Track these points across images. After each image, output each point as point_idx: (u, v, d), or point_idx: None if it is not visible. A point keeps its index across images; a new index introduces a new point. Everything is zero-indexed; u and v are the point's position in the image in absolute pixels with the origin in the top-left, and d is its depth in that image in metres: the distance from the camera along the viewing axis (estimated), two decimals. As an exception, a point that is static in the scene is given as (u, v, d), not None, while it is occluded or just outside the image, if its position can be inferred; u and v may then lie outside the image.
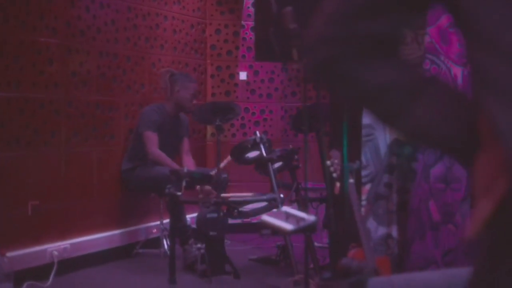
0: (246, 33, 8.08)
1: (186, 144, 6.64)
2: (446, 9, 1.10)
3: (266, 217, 3.61)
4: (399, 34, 1.18)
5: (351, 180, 4.19)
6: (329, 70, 1.17)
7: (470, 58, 1.01)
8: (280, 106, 8.24)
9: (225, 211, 5.50)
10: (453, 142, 1.10)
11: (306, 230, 3.69)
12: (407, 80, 1.14)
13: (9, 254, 5.06)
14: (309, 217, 3.43)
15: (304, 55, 1.24)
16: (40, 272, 5.38)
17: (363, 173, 4.79)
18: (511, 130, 0.92)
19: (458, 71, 4.76)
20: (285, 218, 3.45)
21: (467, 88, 4.37)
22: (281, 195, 5.41)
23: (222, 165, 5.89)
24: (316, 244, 5.62)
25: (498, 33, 0.95)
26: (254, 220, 6.15)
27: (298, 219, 3.40)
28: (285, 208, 3.72)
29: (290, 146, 6.47)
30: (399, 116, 1.13)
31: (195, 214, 6.11)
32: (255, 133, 5.91)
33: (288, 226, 3.40)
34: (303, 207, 5.54)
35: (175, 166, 6.04)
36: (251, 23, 7.99)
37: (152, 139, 6.20)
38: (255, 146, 5.78)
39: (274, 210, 5.20)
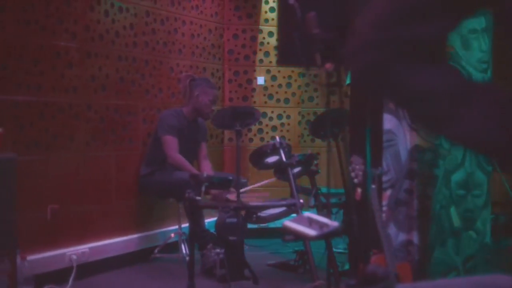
0: (264, 38, 8.07)
1: (204, 149, 6.63)
2: (494, 14, 1.08)
3: (288, 223, 3.58)
4: (444, 38, 1.16)
5: (373, 186, 4.17)
6: (374, 74, 1.16)
7: None
8: (298, 111, 8.22)
9: (244, 216, 5.49)
10: (498, 149, 1.08)
11: (329, 236, 3.66)
12: (452, 84, 1.13)
13: (29, 258, 5.06)
14: (333, 223, 3.41)
15: (348, 59, 1.21)
16: (60, 276, 5.38)
17: (384, 178, 4.77)
18: None
19: (478, 76, 4.74)
20: (308, 224, 3.42)
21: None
22: (301, 201, 5.39)
23: (263, 183, 5.88)
24: (334, 249, 5.59)
25: None
26: (271, 225, 6.13)
27: (321, 225, 3.38)
28: (308, 214, 3.70)
29: (309, 151, 6.46)
30: (445, 121, 1.12)
31: (213, 219, 6.10)
32: (274, 138, 5.90)
33: (311, 232, 3.37)
34: (323, 212, 5.52)
35: (195, 171, 6.03)
36: (268, 28, 7.99)
37: (171, 144, 6.19)
38: (274, 151, 5.76)
39: (294, 215, 5.18)
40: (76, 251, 5.60)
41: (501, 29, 1.07)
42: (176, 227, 6.42)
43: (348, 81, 5.30)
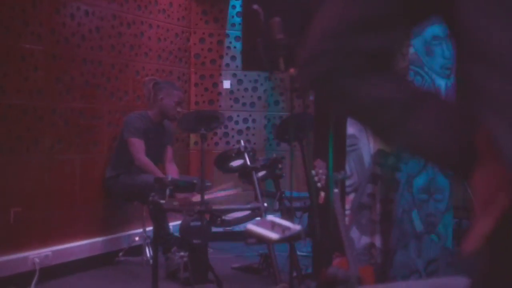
0: (230, 42, 8.09)
1: (169, 152, 6.62)
2: (443, 22, 1.10)
3: (251, 226, 3.61)
4: (394, 48, 1.18)
5: (336, 190, 4.21)
6: (324, 84, 1.17)
7: (465, 72, 1.00)
8: (263, 115, 8.25)
9: (208, 219, 5.50)
10: (450, 156, 1.09)
11: (292, 239, 3.69)
12: (402, 93, 1.14)
13: (-9, 261, 5.04)
14: (295, 226, 3.44)
15: (299, 69, 1.23)
16: (22, 279, 5.34)
17: (347, 183, 4.81)
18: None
19: (441, 83, 4.80)
20: (270, 227, 3.45)
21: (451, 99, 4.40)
22: (265, 204, 5.41)
23: (224, 193, 5.87)
24: (298, 252, 5.63)
25: (497, 47, 0.95)
26: (236, 228, 6.14)
27: (283, 228, 3.41)
28: (270, 217, 3.72)
29: (274, 155, 6.48)
30: (395, 130, 1.13)
31: (178, 222, 6.10)
32: (239, 142, 5.92)
33: (273, 235, 3.40)
34: (287, 216, 5.55)
35: (160, 174, 6.03)
36: (235, 33, 8.01)
37: (138, 146, 6.19)
38: (239, 155, 5.78)
39: (258, 218, 5.20)
40: (39, 255, 5.57)
41: (451, 39, 1.09)
42: (141, 230, 6.40)
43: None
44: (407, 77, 4.59)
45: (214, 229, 5.79)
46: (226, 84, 8.09)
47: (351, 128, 4.81)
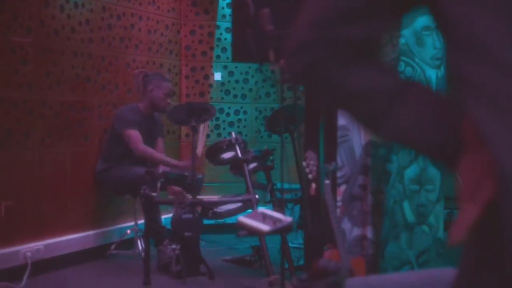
0: (221, 34, 8.08)
1: (160, 145, 6.61)
2: (429, 12, 1.10)
3: (242, 218, 3.60)
4: (380, 38, 1.17)
5: (327, 181, 4.20)
6: (310, 74, 1.17)
7: (453, 62, 1.00)
8: (255, 107, 8.25)
9: (200, 211, 5.50)
10: (436, 145, 1.09)
11: (283, 231, 3.69)
12: (388, 84, 1.13)
13: (-18, 255, 5.03)
14: (286, 218, 3.44)
15: (286, 60, 1.22)
16: (13, 273, 5.33)
17: (338, 174, 4.80)
18: (497, 136, 0.92)
19: (432, 73, 4.79)
20: (261, 219, 3.45)
21: (441, 90, 4.40)
22: (256, 196, 5.41)
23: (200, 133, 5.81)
24: (290, 244, 5.63)
25: (482, 38, 0.95)
26: (227, 220, 6.14)
27: (274, 220, 3.40)
28: (262, 209, 3.72)
29: (265, 147, 6.48)
30: (381, 120, 1.12)
31: (170, 215, 6.10)
32: (230, 134, 5.92)
33: (265, 227, 3.39)
34: (278, 208, 5.55)
35: (167, 158, 6.09)
36: (225, 24, 8.00)
37: (135, 137, 6.17)
38: (230, 147, 5.77)
39: (249, 210, 5.20)
40: (31, 248, 5.56)
41: (438, 29, 1.08)
42: (132, 223, 6.40)
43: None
44: (396, 67, 4.58)
45: (206, 222, 5.80)
46: (217, 76, 8.08)
47: (342, 119, 4.80)
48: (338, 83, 1.15)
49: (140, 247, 6.22)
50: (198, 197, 5.54)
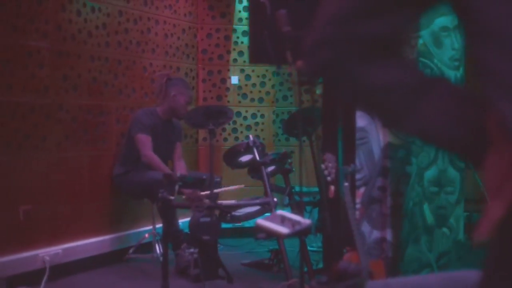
0: (238, 37, 8.06)
1: (178, 149, 6.60)
2: (452, 9, 1.07)
3: (261, 221, 3.57)
4: (402, 34, 1.15)
5: (346, 184, 4.17)
6: (331, 72, 1.15)
7: (476, 57, 0.99)
8: (272, 110, 8.23)
9: (217, 215, 5.48)
10: (461, 142, 1.07)
11: (302, 234, 3.66)
12: (411, 80, 1.12)
13: (1, 259, 5.02)
14: (305, 220, 3.41)
15: (305, 57, 1.20)
16: (32, 277, 5.33)
17: (357, 176, 4.77)
18: None
19: (450, 74, 4.76)
20: (280, 222, 3.42)
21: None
22: (275, 199, 5.38)
23: (233, 188, 5.82)
24: (309, 248, 5.60)
25: (505, 29, 0.93)
26: (245, 224, 6.12)
27: (293, 223, 3.37)
28: (280, 212, 3.69)
29: (284, 149, 6.46)
30: (405, 114, 1.11)
31: (187, 219, 6.08)
32: (248, 137, 5.90)
33: (283, 230, 3.36)
34: (297, 211, 5.52)
35: (167, 170, 6.01)
36: (242, 28, 7.98)
37: (145, 142, 6.16)
38: (248, 150, 5.76)
39: (268, 214, 5.18)
40: (49, 252, 5.56)
41: (460, 24, 1.06)
42: (150, 227, 6.39)
43: (321, 79, 5.30)
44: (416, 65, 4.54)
45: (224, 225, 5.78)
46: (234, 80, 8.06)
47: (361, 121, 4.77)
48: (361, 78, 1.13)
49: (158, 251, 6.20)
50: (216, 201, 5.52)
